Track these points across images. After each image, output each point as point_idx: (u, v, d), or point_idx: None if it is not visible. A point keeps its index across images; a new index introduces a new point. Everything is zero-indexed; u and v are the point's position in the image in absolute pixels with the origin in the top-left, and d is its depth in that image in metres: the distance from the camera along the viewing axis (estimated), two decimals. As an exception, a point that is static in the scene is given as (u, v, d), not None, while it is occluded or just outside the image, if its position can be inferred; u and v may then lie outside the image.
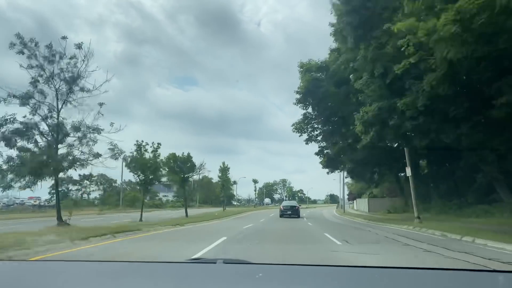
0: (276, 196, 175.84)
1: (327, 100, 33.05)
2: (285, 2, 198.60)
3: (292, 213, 32.09)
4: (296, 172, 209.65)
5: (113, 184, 73.57)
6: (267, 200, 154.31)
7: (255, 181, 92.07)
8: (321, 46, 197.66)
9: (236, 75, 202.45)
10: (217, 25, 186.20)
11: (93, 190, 70.63)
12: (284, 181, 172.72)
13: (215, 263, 2.00)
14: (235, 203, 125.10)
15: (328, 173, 42.18)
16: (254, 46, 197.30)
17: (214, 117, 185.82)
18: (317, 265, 2.32)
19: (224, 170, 57.59)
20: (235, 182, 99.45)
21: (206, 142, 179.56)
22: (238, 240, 12.09)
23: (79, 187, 66.64)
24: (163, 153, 30.88)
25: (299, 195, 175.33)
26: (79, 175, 58.09)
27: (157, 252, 9.19)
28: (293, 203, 36.63)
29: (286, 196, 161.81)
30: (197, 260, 2.35)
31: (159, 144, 27.02)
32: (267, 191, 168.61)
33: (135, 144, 26.08)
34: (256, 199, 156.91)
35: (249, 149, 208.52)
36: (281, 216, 32.15)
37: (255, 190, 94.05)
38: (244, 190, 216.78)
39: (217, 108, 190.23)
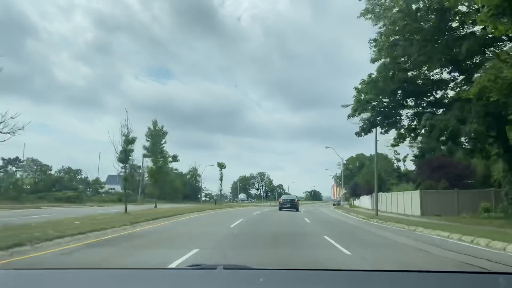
0: (253, 192, 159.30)
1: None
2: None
3: (291, 206, 34.15)
4: (274, 169, 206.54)
5: (48, 172, 62.22)
6: (242, 195, 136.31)
7: (221, 166, 72.76)
8: (300, 39, 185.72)
9: (212, 68, 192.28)
10: (193, 15, 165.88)
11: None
12: (262, 174, 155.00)
13: (215, 269, 1.91)
14: (205, 198, 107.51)
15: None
16: (232, 38, 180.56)
17: (190, 111, 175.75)
18: (319, 269, 2.41)
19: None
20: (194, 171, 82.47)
21: (182, 137, 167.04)
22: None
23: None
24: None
25: (279, 190, 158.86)
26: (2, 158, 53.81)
27: None
28: (292, 197, 39.04)
29: (264, 192, 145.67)
30: (197, 266, 2.17)
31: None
32: (243, 185, 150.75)
33: None
34: (230, 194, 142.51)
35: (226, 145, 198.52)
36: (280, 209, 34.48)
37: (221, 180, 74.54)
38: (216, 184, 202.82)
39: (193, 101, 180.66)
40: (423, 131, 21.77)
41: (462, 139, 21.16)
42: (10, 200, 39.24)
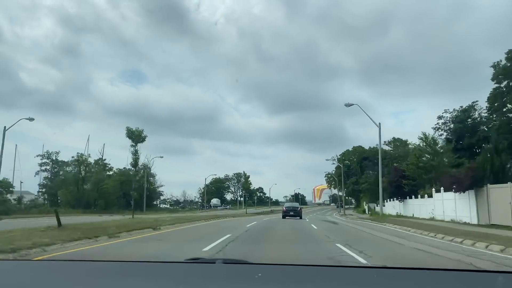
0: (229, 197, 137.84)
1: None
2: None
3: (294, 214, 33.96)
4: (253, 174, 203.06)
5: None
6: (215, 201, 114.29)
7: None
8: (275, 40, 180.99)
9: (187, 71, 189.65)
10: (163, 14, 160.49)
11: None
12: (238, 175, 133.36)
13: (214, 263, 1.98)
14: (163, 205, 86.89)
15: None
16: (205, 39, 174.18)
17: (165, 115, 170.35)
18: (317, 265, 2.17)
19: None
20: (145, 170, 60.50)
21: (158, 142, 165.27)
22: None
23: None
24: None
25: (258, 194, 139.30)
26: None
27: None
28: (295, 204, 41.35)
29: (241, 196, 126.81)
30: (196, 260, 2.25)
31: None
32: (216, 189, 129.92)
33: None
34: (199, 199, 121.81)
35: (203, 150, 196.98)
36: (283, 217, 33.82)
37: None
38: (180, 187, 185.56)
39: (168, 105, 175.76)
40: None
41: None
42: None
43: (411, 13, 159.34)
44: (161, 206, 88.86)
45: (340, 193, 78.93)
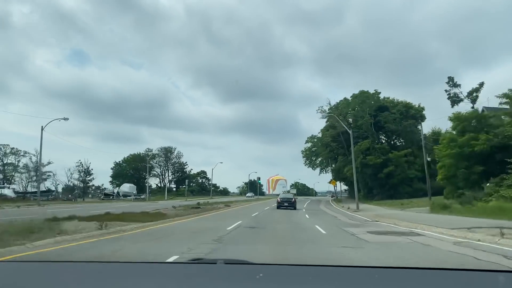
0: (154, 182, 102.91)
1: None
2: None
3: (289, 205, 34.03)
4: (205, 165, 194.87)
5: None
6: (125, 187, 78.63)
7: None
8: (227, 21, 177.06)
9: (132, 51, 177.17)
10: None
11: None
12: (167, 151, 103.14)
13: (215, 263, 1.99)
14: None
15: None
16: (149, 15, 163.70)
17: (111, 100, 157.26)
18: (318, 265, 2.22)
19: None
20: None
21: (103, 129, 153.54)
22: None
23: None
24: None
25: (200, 180, 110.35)
26: None
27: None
28: (290, 195, 39.83)
29: (171, 181, 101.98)
30: (198, 261, 2.32)
31: None
32: (135, 170, 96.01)
33: None
34: (110, 186, 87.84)
35: (153, 138, 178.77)
36: (278, 207, 33.92)
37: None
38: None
39: (113, 89, 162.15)
40: None
41: None
42: None
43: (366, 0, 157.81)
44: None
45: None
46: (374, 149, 54.72)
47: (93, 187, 76.75)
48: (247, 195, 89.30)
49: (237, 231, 13.17)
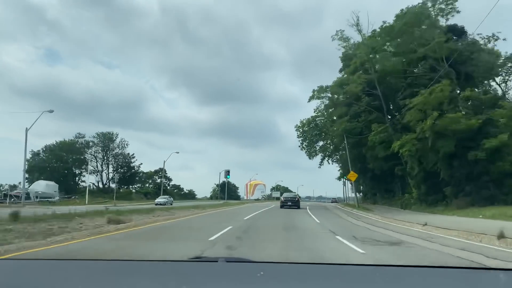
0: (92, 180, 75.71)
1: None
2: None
3: (292, 204, 33.37)
4: (182, 169, 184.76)
5: None
6: (39, 185, 49.92)
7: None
8: (203, 20, 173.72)
9: (104, 49, 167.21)
10: None
11: None
12: (105, 137, 72.26)
13: (217, 261, 1.98)
14: None
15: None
16: (122, 11, 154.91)
17: (83, 100, 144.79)
18: (319, 263, 2.26)
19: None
20: None
21: (76, 130, 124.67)
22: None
23: None
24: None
25: (157, 178, 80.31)
26: None
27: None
28: (293, 195, 40.03)
29: (111, 178, 68.37)
30: (199, 259, 2.29)
31: None
32: (59, 161, 64.00)
33: None
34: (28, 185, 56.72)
35: (129, 141, 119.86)
36: (281, 207, 33.33)
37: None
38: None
39: (86, 89, 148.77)
40: None
41: None
42: None
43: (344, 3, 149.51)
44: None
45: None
46: (454, 102, 26.77)
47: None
48: (156, 201, 48.03)
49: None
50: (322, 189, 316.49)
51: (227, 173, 54.33)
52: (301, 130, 51.57)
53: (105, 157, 73.36)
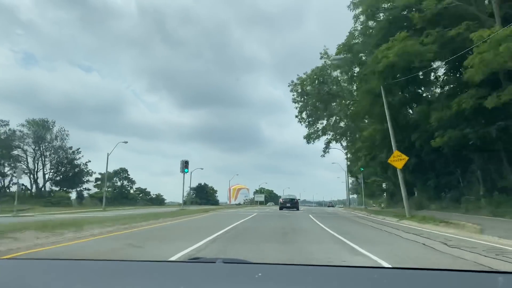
0: (26, 181, 50.41)
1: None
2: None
3: (291, 205, 34.10)
4: (164, 174, 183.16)
5: None
6: None
7: None
8: (182, 22, 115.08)
9: (80, 50, 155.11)
10: None
11: None
12: (39, 125, 52.41)
13: (214, 262, 1.94)
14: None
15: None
16: (98, 11, 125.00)
17: (60, 104, 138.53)
18: (317, 265, 2.22)
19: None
20: None
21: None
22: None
23: None
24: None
25: (119, 180, 67.66)
26: None
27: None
28: (292, 196, 38.76)
29: (50, 179, 53.88)
30: (196, 260, 2.18)
31: None
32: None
33: None
34: None
35: (108, 146, 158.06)
36: (280, 208, 34.36)
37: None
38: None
39: (63, 92, 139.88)
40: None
41: None
42: None
43: (324, 4, 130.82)
44: None
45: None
46: None
47: None
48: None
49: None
50: (309, 193, 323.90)
51: (185, 165, 37.92)
52: (299, 91, 35.23)
53: (38, 152, 54.79)
